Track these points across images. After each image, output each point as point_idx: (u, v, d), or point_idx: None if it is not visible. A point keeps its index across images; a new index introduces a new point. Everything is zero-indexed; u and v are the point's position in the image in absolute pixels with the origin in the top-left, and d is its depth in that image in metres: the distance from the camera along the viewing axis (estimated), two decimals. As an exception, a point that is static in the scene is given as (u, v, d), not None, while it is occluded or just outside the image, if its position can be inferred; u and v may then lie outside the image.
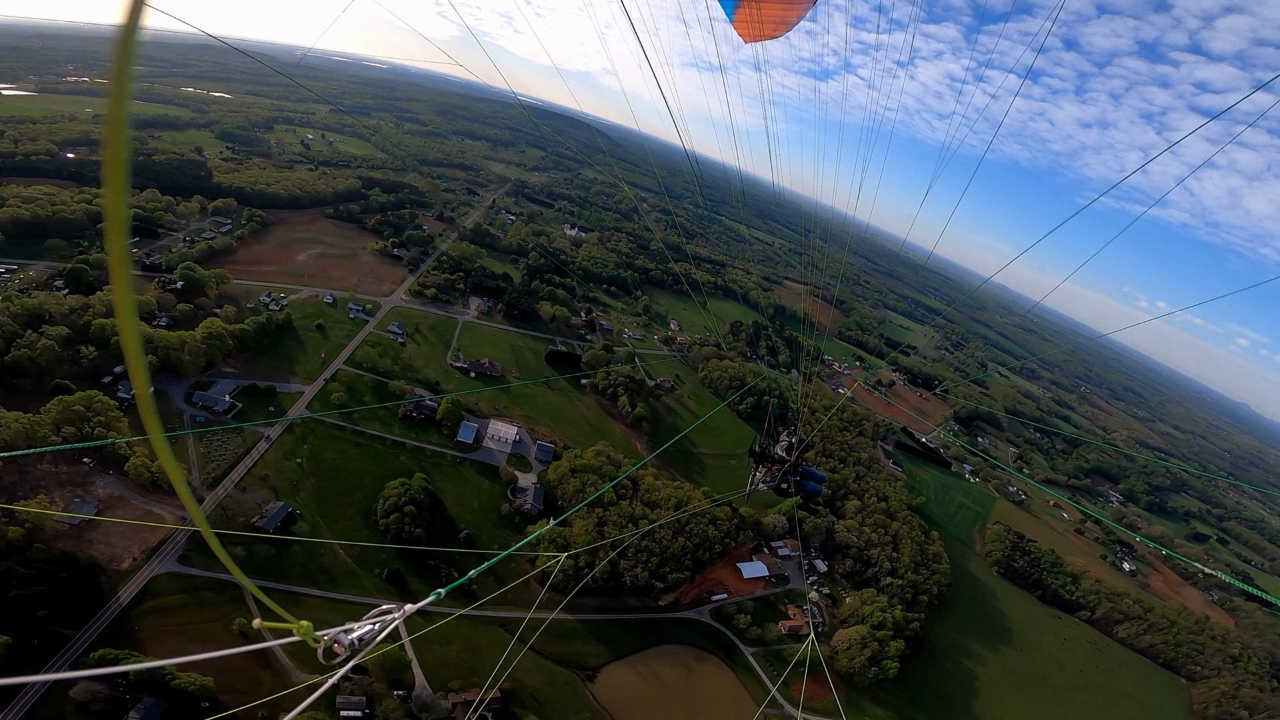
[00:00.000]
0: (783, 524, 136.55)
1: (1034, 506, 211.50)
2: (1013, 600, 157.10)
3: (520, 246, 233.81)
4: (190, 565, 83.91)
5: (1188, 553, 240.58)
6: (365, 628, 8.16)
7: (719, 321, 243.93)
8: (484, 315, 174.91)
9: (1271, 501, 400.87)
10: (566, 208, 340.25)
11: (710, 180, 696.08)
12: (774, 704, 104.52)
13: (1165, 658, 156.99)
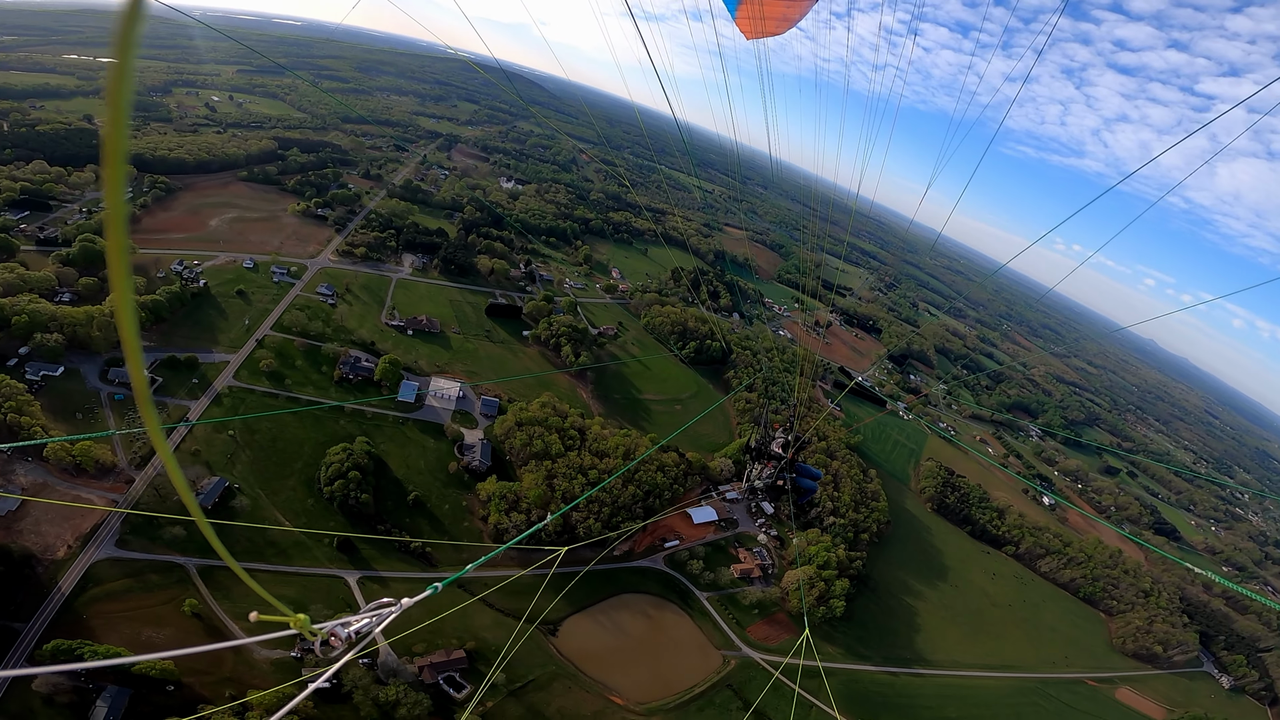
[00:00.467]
0: (729, 468, 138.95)
1: (964, 442, 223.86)
2: (946, 536, 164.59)
3: (455, 201, 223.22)
4: (129, 549, 79.82)
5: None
6: (363, 620, 8.10)
7: (660, 268, 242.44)
8: (419, 272, 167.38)
9: (1176, 435, 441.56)
10: (502, 160, 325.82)
11: (651, 130, 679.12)
12: (732, 646, 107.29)
13: (1085, 592, 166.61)
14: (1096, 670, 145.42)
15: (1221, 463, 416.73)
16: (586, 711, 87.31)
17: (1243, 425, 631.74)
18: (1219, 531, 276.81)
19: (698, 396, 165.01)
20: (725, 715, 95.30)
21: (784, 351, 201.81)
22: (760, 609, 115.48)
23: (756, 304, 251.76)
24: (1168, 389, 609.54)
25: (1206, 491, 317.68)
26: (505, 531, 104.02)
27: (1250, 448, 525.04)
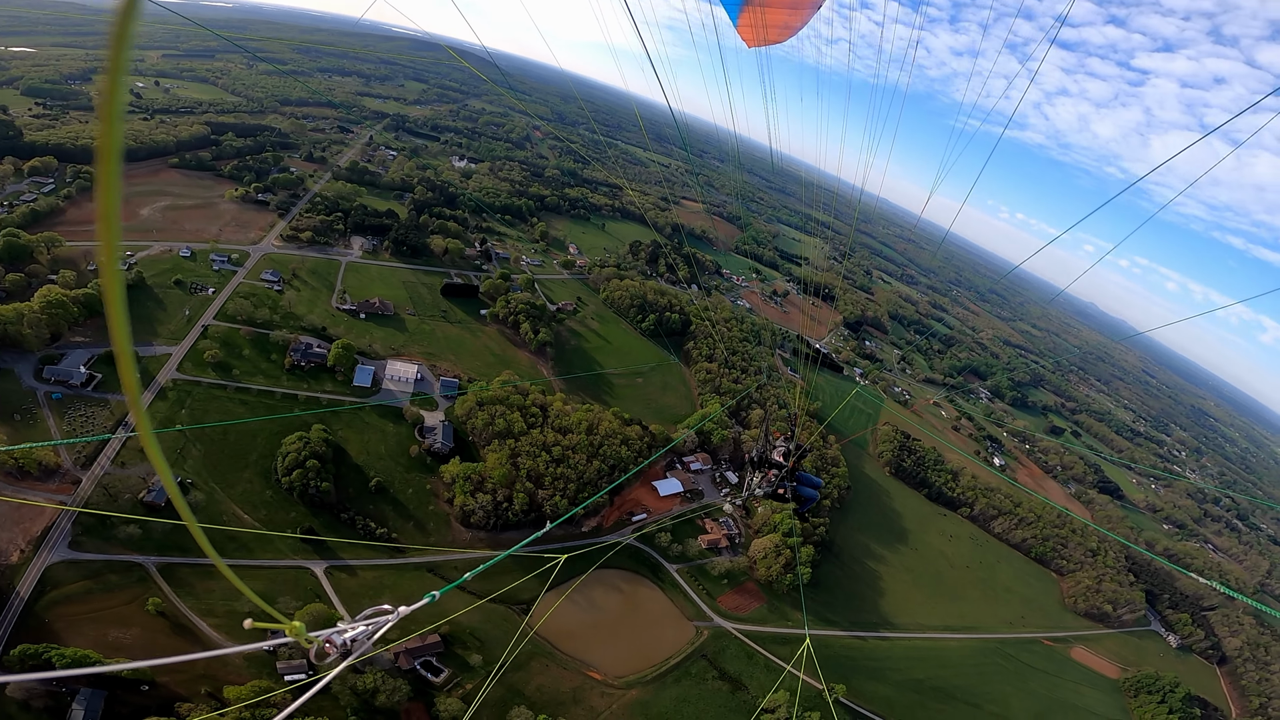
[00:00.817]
0: (693, 439, 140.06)
1: (917, 405, 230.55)
2: (904, 499, 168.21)
3: (405, 182, 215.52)
4: (84, 550, 76.77)
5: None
6: (359, 629, 7.93)
7: (618, 242, 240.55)
8: (370, 254, 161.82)
9: (1116, 394, 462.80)
10: (454, 140, 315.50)
11: (607, 106, 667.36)
12: (704, 617, 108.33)
13: (1036, 551, 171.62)
14: (1051, 630, 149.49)
15: (1159, 421, 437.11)
16: (565, 688, 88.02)
17: (1178, 384, 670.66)
18: (1159, 489, 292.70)
19: (658, 368, 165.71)
20: (702, 685, 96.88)
21: (742, 321, 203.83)
22: (729, 579, 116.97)
23: (714, 275, 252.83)
24: (1107, 349, 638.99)
25: (1146, 450, 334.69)
26: (472, 513, 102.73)
27: (1186, 405, 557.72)
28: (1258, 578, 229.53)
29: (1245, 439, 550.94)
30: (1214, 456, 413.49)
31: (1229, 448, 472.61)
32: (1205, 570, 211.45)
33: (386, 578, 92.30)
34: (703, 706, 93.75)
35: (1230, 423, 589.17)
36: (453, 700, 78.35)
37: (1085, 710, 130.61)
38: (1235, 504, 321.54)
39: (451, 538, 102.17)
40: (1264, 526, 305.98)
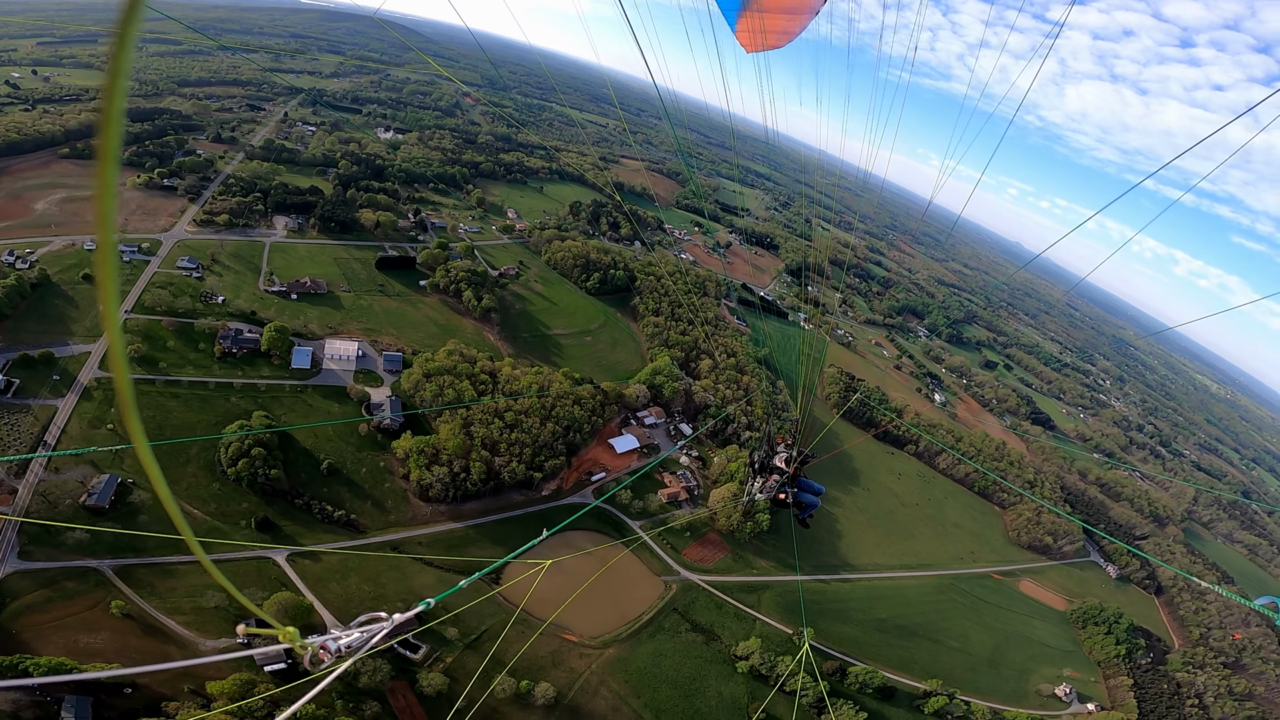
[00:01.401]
0: (644, 393, 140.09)
1: (860, 346, 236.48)
2: (853, 438, 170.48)
3: (327, 157, 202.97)
4: (34, 560, 73.48)
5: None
6: (353, 635, 7.87)
7: (558, 204, 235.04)
8: (295, 233, 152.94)
9: (1043, 328, 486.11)
10: (377, 111, 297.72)
11: (540, 70, 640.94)
12: (671, 571, 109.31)
13: (979, 486, 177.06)
14: (999, 564, 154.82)
15: (1084, 352, 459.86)
16: (544, 652, 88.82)
17: (1101, 315, 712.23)
18: (1087, 418, 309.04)
19: (606, 326, 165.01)
20: (676, 638, 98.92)
21: (687, 274, 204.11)
22: (692, 531, 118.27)
23: (657, 231, 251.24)
24: (1034, 285, 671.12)
25: (1073, 380, 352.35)
26: (429, 487, 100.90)
27: (1108, 336, 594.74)
28: (1184, 505, 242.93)
29: (1164, 366, 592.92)
30: (1136, 384, 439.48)
31: (1149, 375, 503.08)
32: (1135, 498, 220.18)
33: (351, 560, 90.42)
34: (679, 659, 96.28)
35: (1150, 351, 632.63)
36: (434, 675, 78.82)
37: (1039, 643, 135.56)
38: (1158, 431, 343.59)
39: (411, 513, 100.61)
40: (1186, 453, 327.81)
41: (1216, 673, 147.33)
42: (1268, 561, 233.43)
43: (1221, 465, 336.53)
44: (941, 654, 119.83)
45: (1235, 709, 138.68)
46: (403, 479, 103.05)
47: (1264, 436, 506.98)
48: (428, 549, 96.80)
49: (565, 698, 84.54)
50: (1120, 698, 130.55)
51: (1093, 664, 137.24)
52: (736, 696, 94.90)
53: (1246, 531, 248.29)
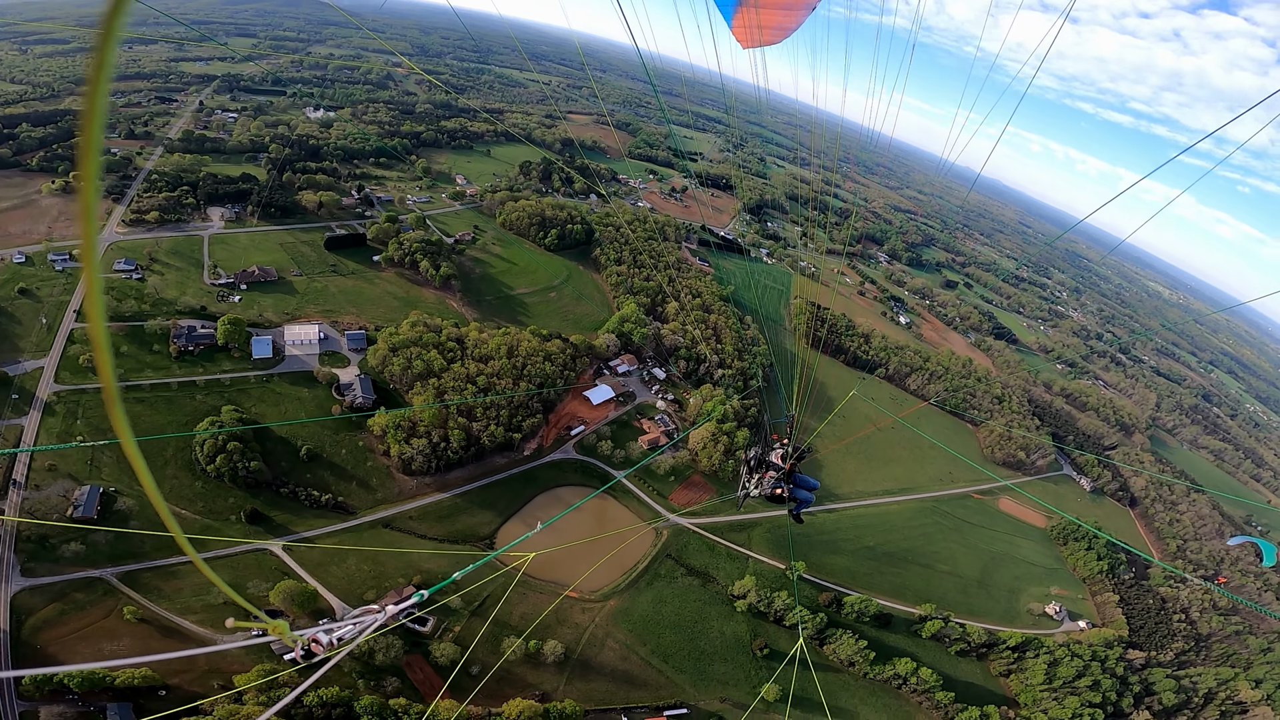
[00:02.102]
0: (614, 342, 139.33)
1: (823, 276, 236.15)
2: (824, 368, 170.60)
3: (255, 143, 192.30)
4: (37, 576, 73.17)
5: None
6: (345, 627, 7.84)
7: (508, 165, 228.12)
8: (234, 223, 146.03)
9: (999, 246, 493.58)
10: (303, 91, 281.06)
11: (473, 32, 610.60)
12: (659, 517, 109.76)
13: (950, 405, 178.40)
14: (977, 483, 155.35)
15: (1040, 266, 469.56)
16: (547, 608, 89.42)
17: (1053, 231, 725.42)
18: (1047, 330, 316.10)
19: (569, 280, 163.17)
20: (673, 583, 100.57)
21: (645, 221, 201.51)
22: (676, 475, 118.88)
23: (611, 182, 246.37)
24: (987, 207, 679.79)
25: (1031, 294, 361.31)
26: (411, 460, 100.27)
27: (1061, 250, 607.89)
28: (1148, 411, 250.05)
29: (1118, 276, 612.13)
30: (1092, 295, 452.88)
31: (1105, 285, 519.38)
32: (1102, 408, 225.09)
33: (346, 541, 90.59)
34: (680, 603, 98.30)
35: (1103, 262, 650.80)
36: (446, 644, 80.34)
37: (1024, 561, 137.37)
38: (1117, 338, 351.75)
39: (397, 489, 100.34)
40: (1145, 359, 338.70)
41: (1199, 587, 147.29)
42: (1235, 467, 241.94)
43: (1180, 370, 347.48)
44: (932, 578, 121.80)
45: (1221, 623, 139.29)
46: (384, 455, 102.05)
47: (1219, 339, 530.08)
48: (418, 522, 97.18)
49: (574, 653, 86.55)
50: (1109, 614, 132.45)
51: (1078, 581, 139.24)
52: (739, 635, 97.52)
53: (1211, 437, 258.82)
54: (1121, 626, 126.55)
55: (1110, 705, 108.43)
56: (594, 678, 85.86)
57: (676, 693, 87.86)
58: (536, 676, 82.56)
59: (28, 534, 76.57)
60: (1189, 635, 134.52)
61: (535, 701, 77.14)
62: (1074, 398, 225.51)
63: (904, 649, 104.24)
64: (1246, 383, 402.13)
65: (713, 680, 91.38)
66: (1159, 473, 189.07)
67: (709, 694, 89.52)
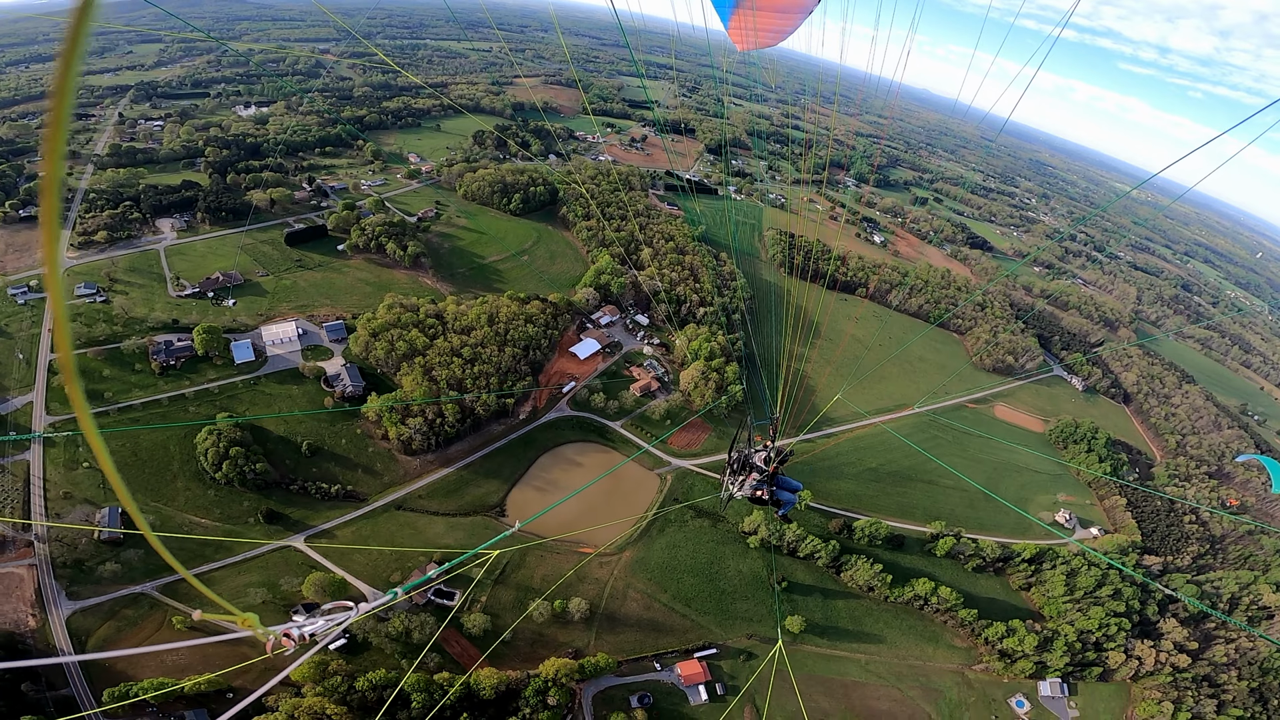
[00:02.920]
0: (593, 296, 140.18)
1: (794, 206, 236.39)
2: (805, 293, 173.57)
3: (189, 148, 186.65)
4: (83, 598, 76.04)
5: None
6: (318, 623, 7.83)
7: (460, 138, 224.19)
8: (186, 232, 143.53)
9: (964, 160, 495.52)
10: (228, 90, 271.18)
11: (400, 9, 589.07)
12: (662, 464, 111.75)
13: (934, 316, 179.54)
14: (970, 392, 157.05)
15: (1006, 176, 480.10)
16: (567, 570, 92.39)
17: (1014, 143, 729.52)
18: (1020, 236, 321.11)
19: (540, 241, 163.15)
20: (684, 527, 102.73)
21: (608, 174, 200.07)
22: (671, 418, 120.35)
23: (569, 140, 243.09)
24: (947, 125, 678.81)
25: (1001, 203, 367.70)
26: (410, 440, 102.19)
27: (1025, 160, 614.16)
28: (1130, 305, 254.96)
29: (1083, 180, 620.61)
30: (1061, 199, 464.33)
31: (1071, 189, 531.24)
32: (1084, 305, 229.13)
33: (364, 529, 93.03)
34: (693, 547, 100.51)
35: (1068, 168, 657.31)
36: (475, 615, 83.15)
37: (1028, 469, 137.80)
38: (1091, 238, 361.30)
39: (402, 470, 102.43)
40: (1121, 255, 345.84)
41: (1204, 484, 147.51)
42: (1223, 355, 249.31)
43: (1157, 263, 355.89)
44: (938, 495, 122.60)
45: (1233, 523, 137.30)
46: (383, 440, 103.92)
47: (1191, 230, 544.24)
48: (428, 500, 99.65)
49: (599, 607, 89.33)
50: (1119, 519, 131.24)
51: (1083, 485, 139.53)
52: (756, 571, 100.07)
53: (1196, 325, 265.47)
54: (1133, 531, 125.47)
55: (1135, 614, 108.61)
56: (621, 629, 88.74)
57: (703, 635, 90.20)
58: (567, 635, 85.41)
59: (63, 560, 78.73)
60: (1202, 537, 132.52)
61: (569, 659, 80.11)
62: (1055, 298, 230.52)
63: (920, 569, 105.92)
64: (1224, 270, 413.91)
65: (736, 618, 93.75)
66: (1148, 366, 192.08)
67: (735, 632, 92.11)
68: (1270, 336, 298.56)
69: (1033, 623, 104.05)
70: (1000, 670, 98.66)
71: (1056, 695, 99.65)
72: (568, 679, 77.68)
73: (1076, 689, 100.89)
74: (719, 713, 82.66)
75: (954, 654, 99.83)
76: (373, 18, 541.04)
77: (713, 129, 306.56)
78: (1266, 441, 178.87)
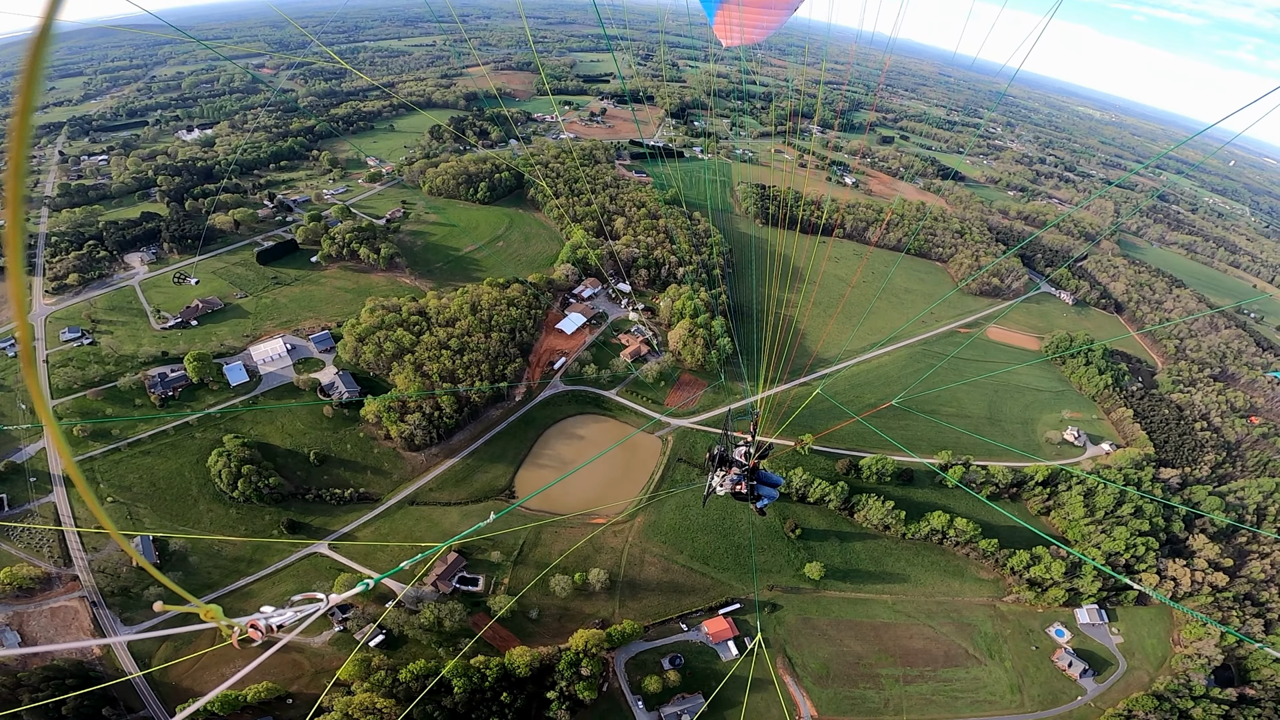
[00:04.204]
0: (572, 271, 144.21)
1: (762, 159, 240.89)
2: (784, 240, 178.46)
3: (140, 180, 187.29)
4: (136, 624, 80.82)
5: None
6: (285, 614, 7.85)
7: (416, 135, 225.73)
8: (157, 264, 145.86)
9: (925, 98, 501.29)
10: (165, 116, 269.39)
11: (332, 14, 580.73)
12: (661, 425, 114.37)
13: (912, 247, 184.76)
14: (961, 318, 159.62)
15: (969, 109, 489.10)
16: (582, 541, 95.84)
17: (973, 77, 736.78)
18: (990, 163, 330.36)
19: (513, 226, 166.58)
20: (691, 486, 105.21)
21: (571, 151, 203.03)
22: (664, 379, 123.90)
23: (528, 124, 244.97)
24: (905, 65, 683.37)
25: (967, 134, 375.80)
26: (411, 437, 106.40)
27: (985, 92, 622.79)
28: (1108, 219, 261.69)
29: (1045, 106, 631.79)
30: (1025, 125, 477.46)
31: (1034, 116, 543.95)
32: (1062, 223, 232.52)
33: (383, 527, 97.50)
34: (703, 505, 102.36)
35: (1028, 96, 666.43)
36: (500, 597, 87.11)
37: (1028, 388, 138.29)
38: (1060, 159, 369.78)
39: (410, 466, 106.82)
40: (1093, 172, 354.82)
41: (1210, 388, 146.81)
42: (1209, 257, 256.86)
43: (1130, 178, 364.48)
44: (941, 425, 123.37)
45: (1245, 428, 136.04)
46: (386, 439, 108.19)
47: (1160, 145, 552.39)
48: (439, 492, 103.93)
49: (619, 576, 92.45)
50: (1129, 432, 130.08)
51: (1088, 400, 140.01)
52: (769, 522, 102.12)
53: (1178, 232, 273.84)
54: (1145, 444, 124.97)
55: (1162, 531, 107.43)
56: (644, 595, 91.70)
57: (725, 591, 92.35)
58: (591, 606, 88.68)
59: (109, 589, 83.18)
60: (1218, 445, 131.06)
61: (597, 629, 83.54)
62: (1032, 218, 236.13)
63: (934, 503, 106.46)
64: (1199, 179, 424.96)
65: (756, 571, 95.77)
66: (1135, 274, 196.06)
67: (756, 584, 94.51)
68: (1256, 236, 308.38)
69: (1057, 548, 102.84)
70: (1032, 600, 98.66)
71: (1096, 622, 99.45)
72: (597, 649, 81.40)
73: (1115, 615, 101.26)
74: (751, 666, 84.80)
75: (982, 587, 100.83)
76: (306, 26, 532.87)
77: (671, 94, 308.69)
78: (1267, 339, 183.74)
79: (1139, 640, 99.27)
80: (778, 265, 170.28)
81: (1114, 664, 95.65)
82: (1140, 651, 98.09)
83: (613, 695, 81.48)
